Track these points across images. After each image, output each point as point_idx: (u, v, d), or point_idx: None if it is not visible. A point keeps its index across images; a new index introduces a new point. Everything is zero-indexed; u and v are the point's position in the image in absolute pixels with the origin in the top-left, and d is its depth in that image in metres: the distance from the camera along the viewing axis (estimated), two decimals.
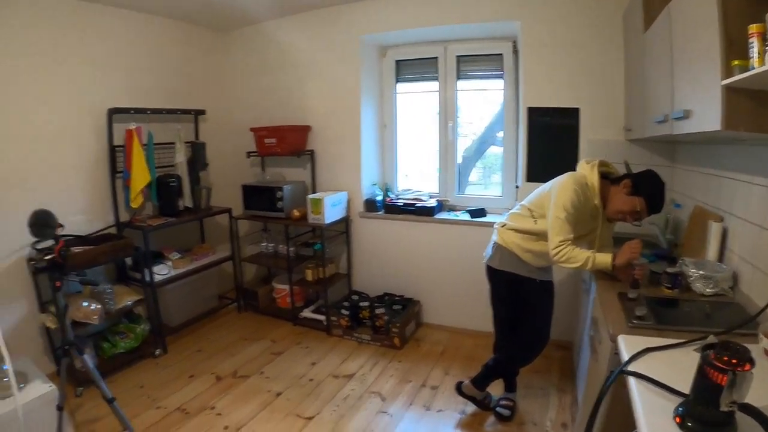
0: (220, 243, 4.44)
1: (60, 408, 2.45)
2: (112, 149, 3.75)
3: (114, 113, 3.70)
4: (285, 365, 3.47)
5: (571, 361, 3.38)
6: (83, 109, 3.59)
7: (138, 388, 3.27)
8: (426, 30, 3.83)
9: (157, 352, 3.69)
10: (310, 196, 3.81)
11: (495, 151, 4.20)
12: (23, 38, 3.21)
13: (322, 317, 3.93)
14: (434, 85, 4.17)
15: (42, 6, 3.28)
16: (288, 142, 4.04)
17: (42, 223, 2.37)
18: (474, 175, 4.39)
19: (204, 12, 3.99)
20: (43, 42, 3.32)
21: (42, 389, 2.51)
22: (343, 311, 3.85)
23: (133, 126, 3.69)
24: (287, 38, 4.24)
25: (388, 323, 3.70)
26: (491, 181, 4.30)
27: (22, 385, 2.41)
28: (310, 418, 2.89)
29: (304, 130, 4.12)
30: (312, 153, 4.09)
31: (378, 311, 3.76)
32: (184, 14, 4.05)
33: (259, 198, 4.09)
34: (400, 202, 4.12)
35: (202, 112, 4.33)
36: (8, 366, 2.31)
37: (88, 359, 2.49)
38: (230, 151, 4.56)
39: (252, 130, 4.18)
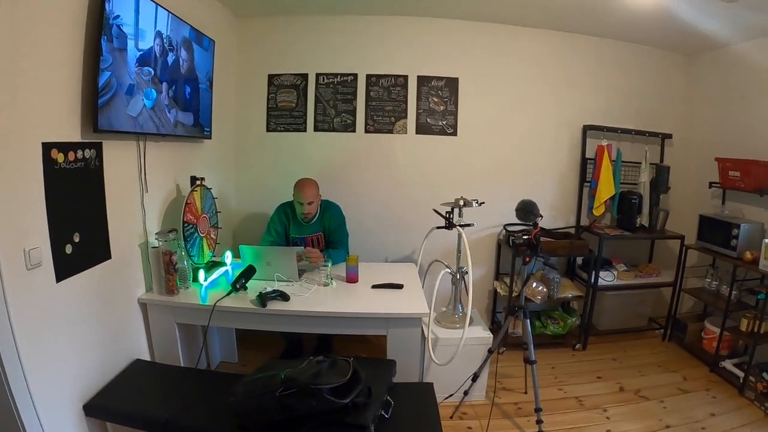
0: (666, 267, 4.45)
1: (490, 351, 3.08)
2: (584, 161, 4.38)
3: (588, 129, 4.32)
4: (686, 404, 3.36)
5: None
6: (562, 123, 4.36)
7: (550, 367, 3.79)
8: None
9: (577, 346, 4.10)
10: (767, 240, 3.40)
11: None
12: (521, 68, 4.22)
13: (740, 373, 3.53)
14: None
15: (530, 40, 4.19)
16: (752, 178, 3.71)
17: (528, 210, 3.00)
18: None
19: (671, 37, 4.05)
20: (533, 68, 4.25)
21: (481, 333, 3.25)
22: (765, 375, 3.33)
23: (604, 142, 4.20)
24: (758, 62, 3.86)
25: None
26: None
27: (468, 326, 3.08)
28: None
29: None
30: None
31: None
32: (651, 40, 4.21)
33: (714, 231, 3.92)
34: None
35: (668, 136, 4.45)
36: (462, 308, 3.24)
37: (528, 323, 2.91)
38: (692, 178, 4.48)
39: (717, 160, 4.03)
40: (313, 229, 3.55)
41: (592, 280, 4.01)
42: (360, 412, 1.98)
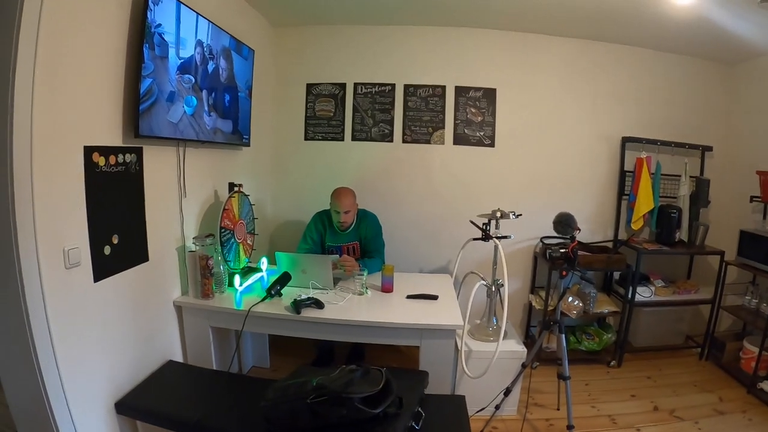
0: (704, 284, 4.24)
1: (523, 366, 2.97)
2: (622, 173, 4.21)
3: (627, 141, 4.15)
4: (721, 427, 3.19)
5: None
6: (601, 135, 4.20)
7: (583, 384, 3.63)
8: None
9: (612, 363, 3.92)
10: None
11: None
12: (559, 79, 4.11)
13: None
14: None
15: (568, 50, 4.06)
16: None
17: (565, 222, 2.88)
18: None
19: (710, 46, 3.88)
20: (571, 79, 4.12)
21: (515, 347, 3.14)
22: None
23: (643, 155, 4.02)
24: None
25: None
26: None
27: (502, 339, 3.01)
28: None
29: None
30: None
31: None
32: (690, 49, 4.05)
33: (755, 247, 3.72)
34: None
35: (709, 149, 4.25)
36: (497, 321, 3.13)
37: (563, 339, 2.76)
38: (733, 191, 4.26)
39: (758, 173, 3.82)
40: (349, 238, 3.48)
41: (629, 296, 3.84)
42: (390, 423, 1.91)
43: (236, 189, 3.03)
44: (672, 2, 3.08)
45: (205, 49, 2.70)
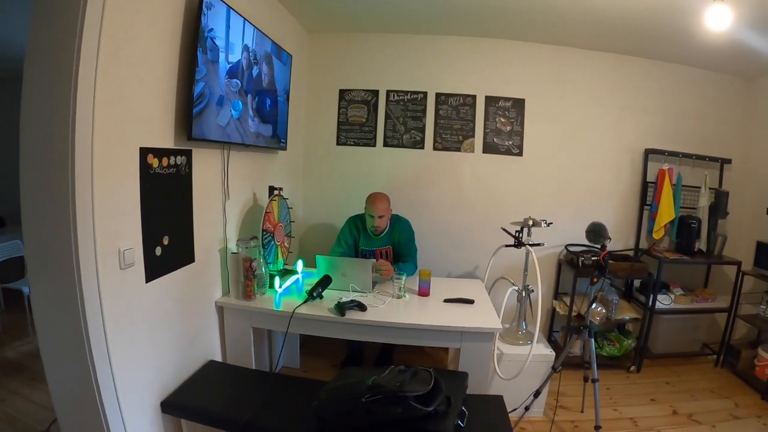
0: (721, 293, 4.18)
1: (554, 369, 2.91)
2: (644, 184, 4.14)
3: (650, 153, 4.08)
4: (737, 430, 3.17)
5: None
6: (625, 147, 4.13)
7: (605, 388, 3.55)
8: None
9: (632, 368, 3.86)
10: None
11: None
12: (585, 91, 4.05)
13: None
14: None
15: (595, 64, 4.02)
16: None
17: (598, 232, 2.81)
18: None
19: (732, 61, 3.82)
20: (598, 92, 4.06)
21: (544, 350, 3.09)
22: None
23: (665, 166, 3.96)
24: None
25: None
26: None
27: (530, 342, 2.98)
28: None
29: None
30: None
31: None
32: (712, 64, 3.99)
33: None
34: None
35: (728, 161, 4.17)
36: (526, 325, 3.10)
37: (592, 343, 2.75)
38: (751, 203, 4.20)
39: None
40: (383, 242, 3.41)
41: (650, 303, 3.77)
42: (441, 421, 1.90)
43: (276, 192, 2.97)
44: (706, 27, 2.96)
45: (250, 54, 2.67)
